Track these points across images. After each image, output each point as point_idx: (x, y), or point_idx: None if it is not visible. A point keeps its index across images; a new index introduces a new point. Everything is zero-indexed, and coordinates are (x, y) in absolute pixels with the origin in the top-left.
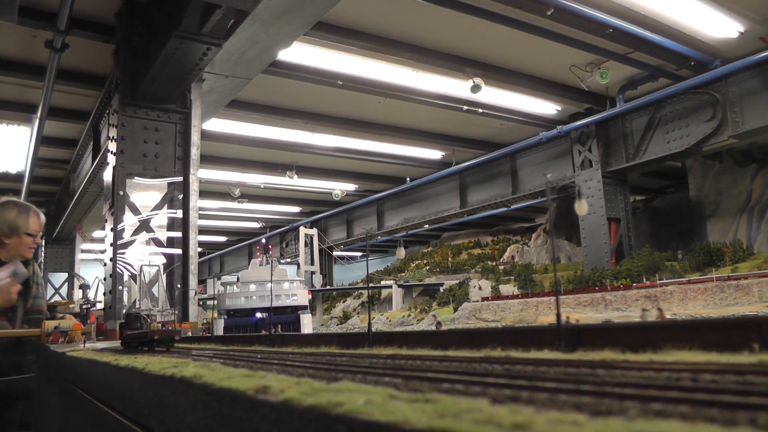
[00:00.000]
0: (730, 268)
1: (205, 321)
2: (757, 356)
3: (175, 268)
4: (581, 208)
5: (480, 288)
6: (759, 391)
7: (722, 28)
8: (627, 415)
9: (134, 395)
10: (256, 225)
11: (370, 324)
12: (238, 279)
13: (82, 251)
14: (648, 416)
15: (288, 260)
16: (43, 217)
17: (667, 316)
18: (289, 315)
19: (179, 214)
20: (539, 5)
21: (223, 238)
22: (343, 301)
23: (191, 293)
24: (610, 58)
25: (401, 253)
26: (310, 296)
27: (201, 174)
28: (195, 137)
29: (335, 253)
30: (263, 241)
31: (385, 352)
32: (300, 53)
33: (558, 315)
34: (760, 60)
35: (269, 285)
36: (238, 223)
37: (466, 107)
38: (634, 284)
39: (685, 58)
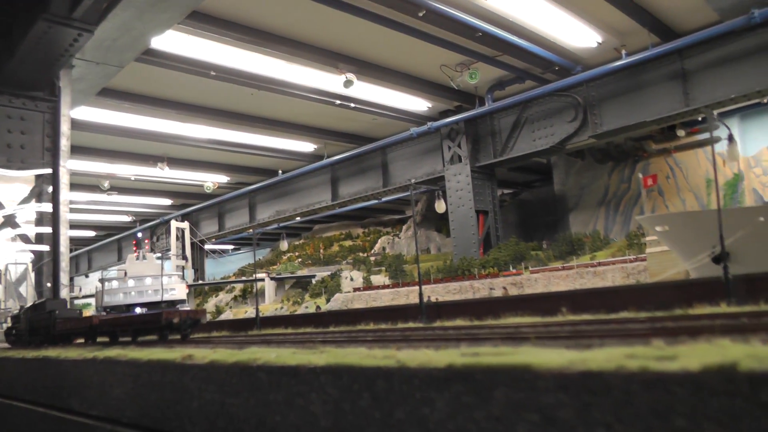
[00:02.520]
0: (589, 257)
1: None
2: (565, 317)
3: (44, 265)
4: (440, 207)
5: (352, 279)
6: (548, 333)
7: (583, 38)
8: (459, 348)
9: (49, 382)
10: (126, 218)
11: (258, 309)
12: (125, 273)
13: None
14: (472, 346)
15: (159, 255)
16: None
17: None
18: (167, 309)
19: (48, 208)
20: (412, 6)
21: (91, 233)
22: (216, 296)
23: (63, 291)
24: (480, 59)
25: (284, 245)
26: (188, 290)
27: (69, 165)
28: (65, 127)
29: (207, 247)
30: (139, 235)
31: (275, 332)
32: (174, 42)
33: (420, 293)
34: (616, 68)
35: (148, 280)
36: (108, 217)
37: (338, 101)
38: (501, 272)
39: (549, 63)
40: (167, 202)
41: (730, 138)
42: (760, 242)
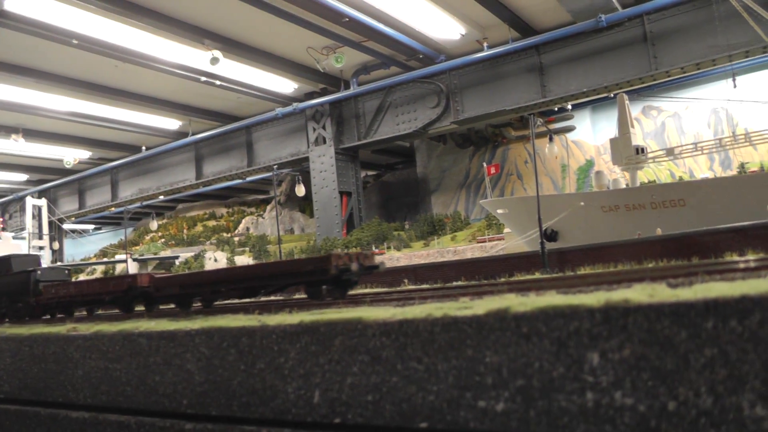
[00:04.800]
0: (450, 237)
1: None
2: (406, 287)
3: None
4: (299, 191)
5: (216, 260)
6: (384, 298)
7: (447, 29)
8: (310, 311)
9: None
10: None
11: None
12: None
13: None
14: (320, 309)
15: (12, 234)
16: None
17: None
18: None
19: None
20: None
21: None
22: (76, 278)
23: None
24: (346, 44)
25: (153, 225)
26: None
27: None
28: None
29: (66, 226)
30: None
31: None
32: (33, 5)
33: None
34: (477, 59)
35: None
36: None
37: (204, 78)
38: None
39: (414, 51)
40: (22, 177)
41: (551, 138)
42: (580, 222)
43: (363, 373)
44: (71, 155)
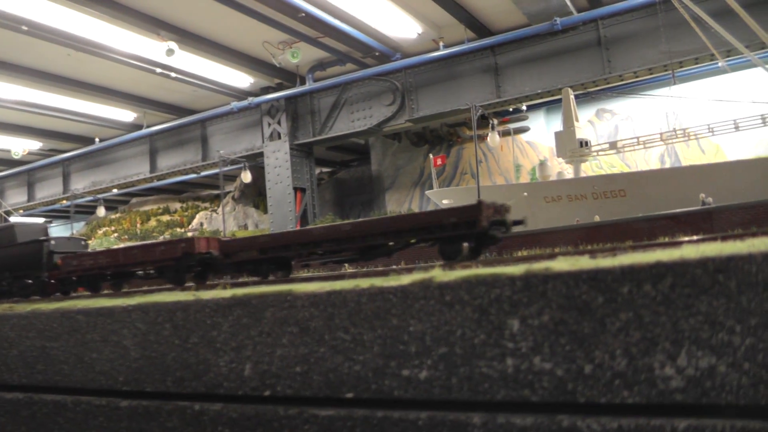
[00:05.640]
0: None
1: None
2: (346, 270)
3: None
4: (246, 177)
5: None
6: (318, 277)
7: (404, 28)
8: (244, 288)
9: None
10: None
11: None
12: None
13: None
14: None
15: None
16: None
17: None
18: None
19: None
20: None
21: None
22: None
23: None
24: (302, 39)
25: (101, 211)
26: None
27: None
28: None
29: (14, 219)
30: None
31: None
32: None
33: None
34: (433, 58)
35: None
36: None
37: (159, 70)
38: None
39: (370, 49)
40: None
41: (492, 127)
42: (524, 212)
43: (292, 345)
44: (20, 146)
